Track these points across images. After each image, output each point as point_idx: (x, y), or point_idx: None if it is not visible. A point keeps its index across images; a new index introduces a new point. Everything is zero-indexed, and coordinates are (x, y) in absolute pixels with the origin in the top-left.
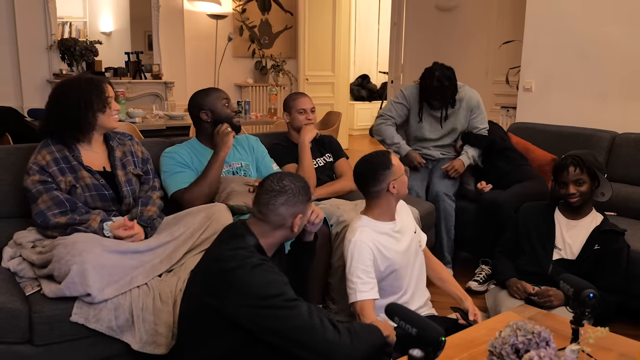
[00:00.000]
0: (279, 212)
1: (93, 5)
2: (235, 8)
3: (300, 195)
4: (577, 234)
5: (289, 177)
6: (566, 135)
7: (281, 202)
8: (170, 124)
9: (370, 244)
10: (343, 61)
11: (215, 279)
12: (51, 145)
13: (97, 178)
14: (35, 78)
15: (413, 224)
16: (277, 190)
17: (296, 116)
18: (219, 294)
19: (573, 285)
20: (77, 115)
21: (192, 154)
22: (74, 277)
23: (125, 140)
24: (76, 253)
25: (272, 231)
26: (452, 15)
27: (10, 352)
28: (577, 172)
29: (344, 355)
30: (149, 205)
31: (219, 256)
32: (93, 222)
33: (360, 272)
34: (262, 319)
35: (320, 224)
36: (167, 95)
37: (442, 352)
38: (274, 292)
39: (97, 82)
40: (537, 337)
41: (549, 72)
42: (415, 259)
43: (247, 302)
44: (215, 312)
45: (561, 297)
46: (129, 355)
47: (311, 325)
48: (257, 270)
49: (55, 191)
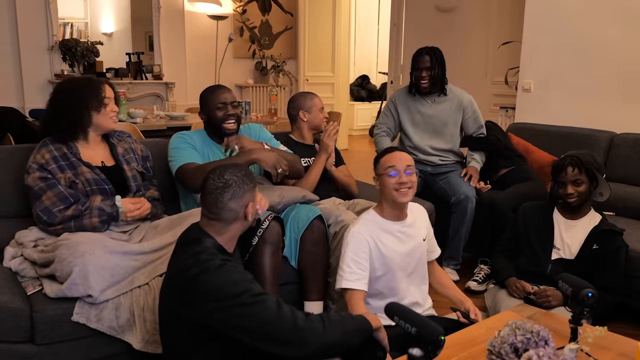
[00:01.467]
0: (230, 207)
1: (94, 6)
2: (235, 9)
3: (244, 185)
4: (576, 233)
5: (228, 170)
6: (565, 136)
7: (228, 197)
8: (171, 124)
9: (368, 237)
10: (343, 62)
11: (183, 291)
12: (49, 144)
13: (97, 173)
14: (36, 78)
15: (425, 232)
16: (220, 187)
17: (317, 114)
18: (192, 305)
19: (572, 284)
20: (71, 112)
21: (203, 142)
22: (76, 279)
23: (125, 137)
24: (78, 254)
25: (228, 226)
26: (452, 16)
27: (11, 352)
28: (576, 172)
29: (316, 340)
30: (150, 190)
31: (180, 267)
32: (94, 203)
33: (351, 261)
34: (233, 319)
35: (266, 208)
36: (168, 96)
37: (442, 351)
38: (240, 290)
39: (95, 82)
40: (536, 337)
41: (547, 72)
42: (417, 265)
43: (216, 305)
44: (193, 324)
45: (559, 297)
46: (130, 354)
47: (281, 316)
48: (220, 272)
49: (58, 186)
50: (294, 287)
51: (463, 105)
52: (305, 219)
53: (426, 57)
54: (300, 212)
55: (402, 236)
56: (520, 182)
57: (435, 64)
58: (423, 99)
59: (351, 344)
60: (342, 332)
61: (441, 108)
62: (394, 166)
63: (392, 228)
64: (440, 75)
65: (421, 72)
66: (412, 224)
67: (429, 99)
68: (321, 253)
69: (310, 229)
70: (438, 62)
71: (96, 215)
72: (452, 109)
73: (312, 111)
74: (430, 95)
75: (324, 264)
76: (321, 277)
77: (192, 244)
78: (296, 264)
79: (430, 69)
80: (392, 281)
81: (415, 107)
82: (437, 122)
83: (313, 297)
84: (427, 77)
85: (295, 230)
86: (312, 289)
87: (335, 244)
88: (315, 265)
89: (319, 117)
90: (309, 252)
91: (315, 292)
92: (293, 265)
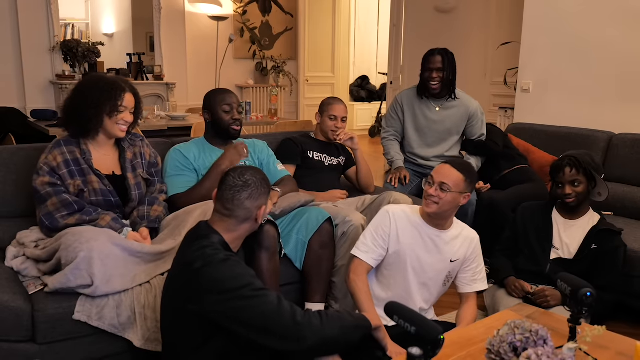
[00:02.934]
0: (245, 206)
1: (95, 7)
2: (236, 10)
3: (262, 188)
4: (575, 233)
5: (250, 171)
6: (563, 136)
7: (245, 196)
8: (171, 124)
9: (395, 221)
10: (343, 62)
11: (187, 283)
12: (63, 145)
13: (106, 184)
14: (38, 79)
15: (460, 257)
16: (240, 185)
17: (326, 120)
18: (196, 298)
19: (570, 284)
20: (86, 109)
21: (200, 151)
22: (80, 264)
23: (137, 141)
24: (84, 241)
25: (238, 225)
26: (451, 16)
27: (13, 350)
28: (574, 172)
29: (314, 335)
30: (155, 205)
31: (186, 260)
32: (102, 222)
33: (369, 234)
34: (234, 311)
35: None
36: (169, 96)
37: (441, 350)
38: (243, 284)
39: (118, 87)
40: (534, 336)
41: (546, 73)
42: (433, 279)
43: (218, 298)
44: (199, 318)
45: (558, 297)
46: (132, 352)
47: (281, 310)
48: (224, 266)
49: (64, 194)
50: (295, 288)
51: (469, 114)
52: (315, 222)
53: (438, 57)
54: (311, 215)
55: (429, 242)
56: (521, 183)
57: (447, 65)
58: (430, 103)
59: (350, 340)
60: (341, 327)
61: (447, 115)
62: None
63: (422, 229)
64: (451, 78)
65: (432, 72)
66: (450, 242)
67: (437, 103)
68: (328, 256)
69: (319, 232)
70: (450, 64)
71: None
72: (458, 116)
73: (323, 116)
74: (438, 100)
75: (329, 267)
76: (325, 280)
77: (199, 239)
78: (301, 266)
79: (442, 70)
80: (404, 278)
81: (421, 110)
82: (441, 129)
83: (315, 299)
84: (437, 78)
85: (303, 234)
86: (315, 291)
87: (342, 244)
88: (321, 269)
89: (327, 124)
90: (316, 255)
91: (318, 294)
92: (298, 267)
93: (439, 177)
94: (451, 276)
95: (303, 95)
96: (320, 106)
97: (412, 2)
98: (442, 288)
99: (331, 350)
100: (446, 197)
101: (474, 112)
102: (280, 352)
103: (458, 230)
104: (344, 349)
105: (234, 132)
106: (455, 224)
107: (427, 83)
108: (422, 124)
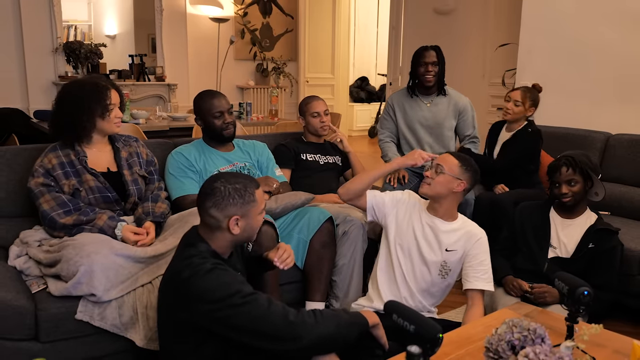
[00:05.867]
0: (212, 214)
1: (98, 8)
2: (236, 12)
3: (231, 198)
4: (572, 232)
5: (223, 178)
6: (561, 136)
7: (209, 205)
8: (173, 125)
9: (407, 198)
10: (342, 63)
11: (177, 292)
12: (58, 149)
13: (101, 181)
14: (41, 80)
15: (458, 250)
16: (207, 192)
17: (310, 120)
18: (186, 307)
19: (568, 283)
20: (75, 117)
21: (200, 153)
22: (81, 278)
23: (131, 142)
24: (84, 254)
25: (212, 233)
26: (450, 18)
27: (16, 349)
28: (570, 172)
29: (309, 333)
30: (159, 202)
31: (175, 269)
32: (99, 221)
33: (381, 192)
34: (226, 320)
35: (288, 267)
36: (170, 97)
37: (440, 348)
38: (231, 292)
39: (101, 87)
40: (532, 334)
41: (544, 74)
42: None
43: (209, 307)
44: (189, 325)
45: (555, 294)
46: (133, 351)
47: (272, 312)
48: (210, 275)
49: (56, 192)
50: (296, 286)
51: (459, 108)
52: (317, 221)
53: (432, 52)
54: (312, 215)
55: (427, 229)
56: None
57: (441, 60)
58: (420, 101)
59: (347, 337)
60: (336, 325)
61: (437, 110)
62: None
63: (423, 215)
64: (442, 73)
65: (427, 66)
66: (449, 232)
67: (427, 99)
68: (328, 256)
69: (320, 232)
70: (442, 60)
71: (97, 233)
72: (449, 111)
73: (306, 117)
74: (428, 96)
75: (330, 266)
76: (326, 279)
77: (188, 247)
78: (302, 265)
79: (437, 64)
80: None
81: (412, 108)
82: (432, 124)
83: (316, 297)
84: (432, 72)
85: (305, 233)
86: (316, 289)
87: (343, 242)
88: (322, 268)
89: (312, 123)
90: (317, 254)
91: (318, 293)
92: (299, 266)
93: (437, 161)
94: (448, 267)
95: (303, 96)
96: (299, 109)
97: (411, 4)
98: (439, 279)
99: (329, 348)
100: (438, 178)
101: (464, 106)
102: (278, 352)
103: (460, 224)
104: (342, 347)
105: (228, 136)
106: (461, 219)
107: (422, 77)
108: (414, 120)
